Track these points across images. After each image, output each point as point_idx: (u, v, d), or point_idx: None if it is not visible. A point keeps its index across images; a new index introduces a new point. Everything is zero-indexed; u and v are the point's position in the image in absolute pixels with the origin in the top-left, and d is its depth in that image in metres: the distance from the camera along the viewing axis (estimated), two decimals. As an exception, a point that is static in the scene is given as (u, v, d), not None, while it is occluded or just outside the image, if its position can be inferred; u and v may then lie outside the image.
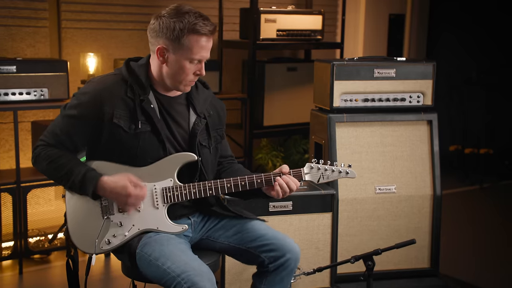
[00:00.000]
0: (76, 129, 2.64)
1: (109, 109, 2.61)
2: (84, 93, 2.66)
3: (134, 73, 2.68)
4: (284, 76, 5.46)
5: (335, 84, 3.78)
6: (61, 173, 2.63)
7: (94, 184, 2.59)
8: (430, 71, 3.88)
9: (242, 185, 2.71)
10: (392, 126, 3.88)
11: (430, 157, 3.91)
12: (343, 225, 3.80)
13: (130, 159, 2.66)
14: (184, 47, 2.58)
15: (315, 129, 3.96)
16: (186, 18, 2.56)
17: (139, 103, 2.65)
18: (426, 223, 3.91)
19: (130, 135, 2.63)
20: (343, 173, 2.80)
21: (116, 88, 2.66)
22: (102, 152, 2.68)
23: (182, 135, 2.76)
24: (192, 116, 2.79)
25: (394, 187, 3.86)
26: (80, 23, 5.00)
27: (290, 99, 5.49)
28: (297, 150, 5.65)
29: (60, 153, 2.65)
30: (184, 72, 2.63)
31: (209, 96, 2.89)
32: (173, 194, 2.67)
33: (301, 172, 2.77)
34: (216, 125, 2.88)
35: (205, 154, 2.81)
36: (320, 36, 5.49)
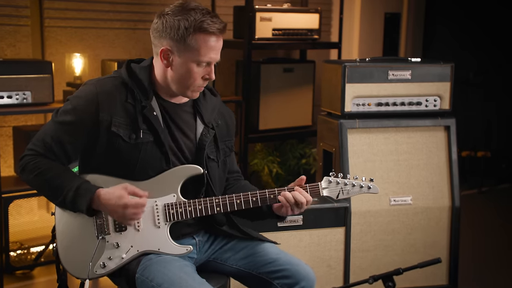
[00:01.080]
0: (69, 137, 2.32)
1: (106, 116, 2.30)
2: (79, 97, 2.34)
3: (135, 76, 2.37)
4: (280, 77, 5.08)
5: (347, 87, 3.40)
6: (51, 186, 2.30)
7: (89, 198, 2.26)
8: (448, 73, 3.53)
9: (253, 201, 2.39)
10: (407, 132, 3.52)
11: (447, 165, 3.55)
12: (355, 240, 3.43)
13: (129, 172, 2.35)
14: (190, 48, 2.27)
15: (324, 135, 3.58)
16: (192, 16, 2.25)
17: (140, 110, 2.34)
18: (444, 237, 3.56)
19: (130, 146, 2.32)
20: (365, 188, 2.46)
21: (115, 92, 2.34)
22: (97, 164, 2.37)
23: (189, 146, 2.44)
24: (199, 126, 2.47)
25: (410, 199, 3.50)
26: (65, 22, 4.64)
27: (286, 102, 5.11)
28: (293, 155, 5.28)
29: (50, 164, 2.32)
30: (191, 76, 2.32)
31: (217, 103, 2.57)
32: (176, 211, 2.35)
33: (318, 187, 2.44)
34: (224, 136, 2.56)
35: (213, 168, 2.49)
36: (317, 35, 5.13)
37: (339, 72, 3.40)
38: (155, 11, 4.92)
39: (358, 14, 5.87)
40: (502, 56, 6.28)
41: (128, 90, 2.36)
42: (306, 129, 5.23)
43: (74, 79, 4.36)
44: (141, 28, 4.95)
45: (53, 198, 2.33)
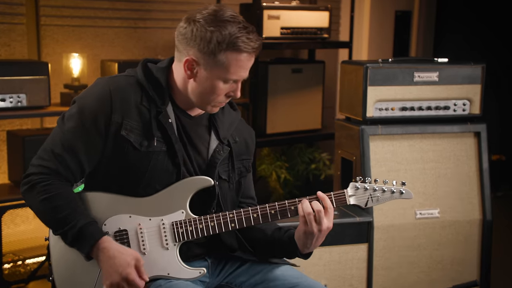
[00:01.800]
0: (83, 145, 2.04)
1: (118, 117, 2.03)
2: (89, 96, 2.07)
3: (152, 77, 2.10)
4: (289, 78, 4.74)
5: (369, 90, 3.07)
6: (56, 216, 2.01)
7: (91, 244, 1.99)
8: (478, 74, 3.19)
9: (272, 214, 2.10)
10: (434, 139, 3.19)
11: (478, 175, 3.22)
12: (378, 257, 3.10)
13: (133, 185, 2.07)
14: (219, 64, 2.01)
15: (342, 142, 3.25)
16: (228, 29, 1.98)
17: (155, 115, 2.07)
18: (474, 254, 3.22)
19: (140, 154, 2.05)
20: (397, 194, 2.15)
21: (130, 92, 2.07)
22: (101, 177, 2.11)
23: (199, 163, 2.17)
24: (213, 142, 2.19)
25: (437, 211, 3.17)
26: (61, 20, 4.36)
27: (294, 104, 4.78)
28: (302, 159, 4.95)
29: (61, 188, 2.03)
30: (215, 92, 2.07)
31: (236, 119, 2.28)
32: (186, 230, 2.08)
33: (344, 195, 2.14)
34: (242, 155, 2.27)
35: (224, 189, 2.21)
36: (326, 34, 4.81)
37: (360, 73, 3.06)
38: (156, 8, 4.70)
39: (367, 12, 5.55)
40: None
41: (143, 92, 2.08)
42: (315, 133, 4.90)
43: (72, 80, 4.08)
44: (142, 26, 4.67)
45: (51, 227, 2.06)
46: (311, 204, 2.07)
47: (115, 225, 2.06)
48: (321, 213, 2.06)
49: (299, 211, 2.08)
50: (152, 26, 4.68)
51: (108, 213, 2.06)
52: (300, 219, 2.09)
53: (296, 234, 2.13)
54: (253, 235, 2.24)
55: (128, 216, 2.07)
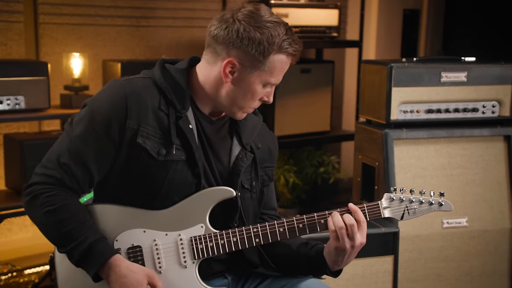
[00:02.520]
0: (93, 153, 1.85)
1: (133, 123, 1.85)
2: (102, 100, 1.89)
3: (172, 78, 1.93)
4: (297, 78, 4.52)
5: (393, 92, 2.84)
6: (61, 231, 1.82)
7: (101, 263, 1.80)
8: (509, 74, 2.97)
9: (299, 229, 1.92)
10: (462, 143, 2.97)
11: (508, 181, 3.00)
12: (403, 269, 2.88)
13: (149, 198, 1.88)
14: (265, 67, 1.86)
15: (363, 147, 3.02)
16: (276, 30, 1.84)
17: (174, 121, 1.89)
18: (505, 265, 2.99)
19: (157, 164, 1.86)
20: (435, 206, 1.97)
21: (147, 96, 1.88)
22: (112, 188, 1.92)
23: (220, 171, 1.99)
24: (236, 148, 2.01)
25: (465, 220, 2.94)
26: (61, 18, 4.17)
27: (304, 105, 4.55)
28: (311, 163, 4.72)
29: (66, 200, 1.84)
30: (252, 97, 1.92)
31: (259, 124, 2.10)
32: (206, 246, 1.89)
33: (379, 207, 1.95)
34: (265, 162, 2.09)
35: (246, 200, 2.02)
36: (336, 33, 4.60)
37: (384, 74, 2.84)
38: (159, 6, 4.48)
39: (375, 11, 5.34)
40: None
41: (161, 95, 1.90)
42: (324, 135, 4.68)
43: (73, 81, 3.86)
44: (145, 25, 4.47)
45: (55, 244, 1.87)
46: (343, 217, 1.87)
47: (128, 241, 1.87)
48: (354, 227, 1.86)
49: (330, 226, 1.88)
50: (155, 25, 4.48)
51: (120, 227, 1.87)
52: (330, 234, 1.89)
53: (326, 250, 1.94)
54: (277, 250, 2.04)
55: (142, 231, 1.88)
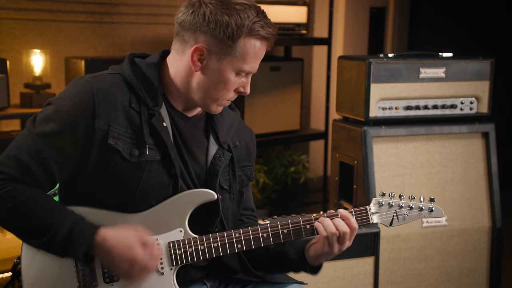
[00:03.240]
0: (55, 154, 1.71)
1: (103, 124, 1.72)
2: (67, 98, 1.75)
3: (142, 74, 1.79)
4: (267, 76, 4.40)
5: (372, 88, 2.75)
6: (33, 224, 1.69)
7: (88, 242, 1.68)
8: (487, 70, 2.91)
9: (284, 234, 1.82)
10: (441, 141, 2.90)
11: (486, 179, 2.94)
12: (383, 270, 2.80)
13: (124, 201, 1.76)
14: (236, 52, 1.74)
15: (341, 145, 2.93)
16: (246, 13, 1.73)
17: (147, 119, 1.76)
18: (484, 263, 2.94)
19: (130, 165, 1.74)
20: (425, 212, 1.90)
21: (116, 93, 1.76)
22: (81, 191, 1.77)
23: (197, 171, 1.86)
24: (212, 147, 1.90)
25: (444, 219, 2.88)
26: (20, 13, 3.96)
27: (273, 104, 4.44)
28: (281, 162, 4.61)
29: (30, 191, 1.70)
30: (225, 86, 1.78)
31: (236, 120, 1.99)
32: (184, 251, 1.78)
33: (367, 212, 1.86)
34: (243, 161, 1.98)
35: (225, 201, 1.91)
36: (304, 30, 4.51)
37: (363, 70, 2.74)
38: (122, 2, 4.31)
39: (343, 8, 5.28)
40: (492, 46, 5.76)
41: (132, 92, 1.77)
42: (294, 134, 4.58)
43: (34, 79, 3.70)
44: (108, 21, 4.30)
45: (34, 239, 1.71)
46: (335, 223, 1.79)
47: None
48: (347, 234, 1.79)
49: (321, 231, 1.79)
50: (119, 21, 4.31)
51: None
52: (320, 239, 1.81)
53: (311, 251, 1.86)
54: (255, 252, 1.91)
55: None
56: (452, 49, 3.02)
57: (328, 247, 1.79)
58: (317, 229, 1.80)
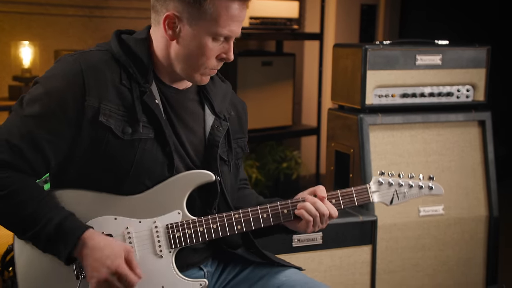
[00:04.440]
0: (47, 134, 1.65)
1: (94, 101, 1.66)
2: (55, 76, 1.68)
3: (130, 50, 1.74)
4: (258, 71, 4.37)
5: (368, 75, 2.72)
6: (21, 215, 1.63)
7: (73, 243, 1.62)
8: (483, 57, 2.90)
9: (284, 214, 1.80)
10: (437, 129, 2.88)
11: (483, 167, 2.92)
12: (380, 259, 2.76)
13: (118, 182, 1.70)
14: (207, 15, 1.67)
15: (337, 134, 2.90)
16: None
17: (138, 96, 1.71)
18: (480, 253, 2.91)
19: (123, 143, 1.69)
20: (425, 190, 1.91)
21: (106, 70, 1.70)
22: (74, 172, 1.71)
23: (195, 145, 1.81)
24: (209, 118, 1.84)
25: (441, 208, 2.85)
26: (8, 6, 3.92)
27: (265, 99, 4.41)
28: (273, 158, 4.57)
29: (20, 181, 1.65)
30: (203, 54, 1.71)
31: (229, 91, 1.94)
32: (183, 234, 1.73)
33: (367, 191, 1.86)
34: (237, 133, 1.93)
35: (225, 174, 1.85)
36: (296, 25, 4.50)
37: (359, 57, 2.72)
38: (113, -5, 4.30)
39: (334, 4, 5.25)
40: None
41: (121, 69, 1.72)
42: (286, 130, 4.55)
43: (22, 72, 3.69)
44: (98, 15, 4.24)
45: (19, 231, 1.67)
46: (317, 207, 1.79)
47: (97, 229, 1.68)
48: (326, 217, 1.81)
49: (305, 215, 1.78)
50: (108, 16, 4.27)
51: (88, 215, 1.68)
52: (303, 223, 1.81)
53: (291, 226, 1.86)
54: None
55: (113, 218, 1.70)
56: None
57: (306, 226, 1.80)
58: (300, 214, 1.78)
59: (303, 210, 1.78)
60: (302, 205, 1.78)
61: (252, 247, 1.91)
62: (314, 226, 1.80)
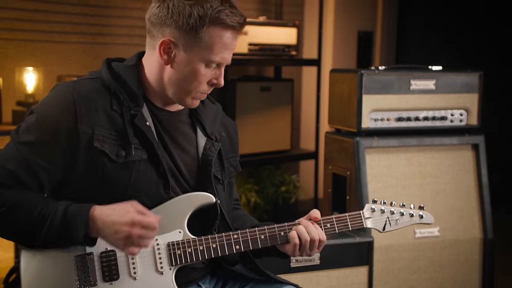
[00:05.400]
0: (41, 161, 1.72)
1: (86, 128, 1.73)
2: (48, 105, 1.77)
3: (120, 77, 1.81)
4: (257, 96, 4.44)
5: (364, 99, 2.79)
6: (28, 220, 1.69)
7: (85, 220, 1.68)
8: (475, 82, 2.97)
9: (281, 236, 1.86)
10: (432, 152, 2.94)
11: (477, 190, 2.97)
12: (376, 280, 2.80)
13: (115, 202, 1.74)
14: (202, 42, 1.75)
15: (334, 157, 2.95)
16: (209, 2, 1.74)
17: (129, 120, 1.78)
18: (476, 275, 2.95)
19: (118, 166, 1.75)
20: (416, 218, 1.96)
21: (97, 97, 1.78)
22: (71, 195, 1.75)
23: (188, 165, 1.88)
24: (201, 139, 1.92)
25: (437, 230, 2.89)
26: (13, 33, 3.97)
27: (263, 123, 4.47)
28: (272, 182, 4.61)
29: (18, 194, 1.71)
30: (196, 79, 1.79)
31: (219, 112, 2.02)
32: (184, 252, 1.79)
33: (361, 217, 1.93)
34: (228, 152, 2.00)
35: (220, 193, 1.92)
36: (294, 51, 4.57)
37: (355, 81, 2.79)
38: (114, 23, 4.34)
39: (331, 31, 5.34)
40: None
41: (112, 95, 1.80)
42: (284, 154, 4.60)
43: (26, 97, 3.71)
44: (100, 42, 4.31)
45: (32, 236, 1.70)
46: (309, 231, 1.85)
47: (101, 244, 1.74)
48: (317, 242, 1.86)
49: (294, 238, 1.84)
50: (111, 42, 4.34)
51: None
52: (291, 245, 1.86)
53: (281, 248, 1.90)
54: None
55: None
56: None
57: (293, 250, 1.84)
58: (291, 237, 1.83)
59: (294, 232, 1.83)
60: (295, 228, 1.84)
61: (250, 263, 1.96)
62: (300, 250, 1.85)
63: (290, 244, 1.83)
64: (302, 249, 1.84)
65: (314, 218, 1.87)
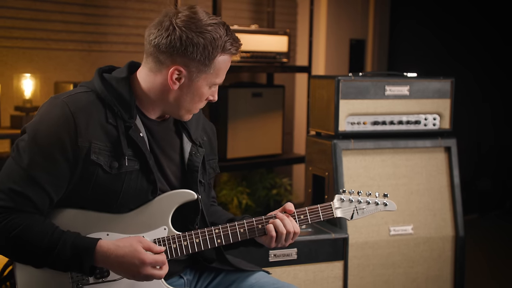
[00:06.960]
0: (49, 176, 1.83)
1: (85, 141, 1.85)
2: (47, 120, 1.85)
3: (113, 89, 1.93)
4: (249, 102, 4.67)
5: (341, 104, 3.02)
6: (36, 247, 1.80)
7: (91, 253, 1.81)
8: (448, 88, 3.20)
9: (258, 229, 2.03)
10: (406, 154, 3.16)
11: (449, 190, 3.19)
12: (352, 276, 3.01)
13: (107, 207, 1.92)
14: (211, 69, 1.91)
15: (314, 159, 3.18)
16: (218, 33, 1.88)
17: (124, 131, 1.90)
18: (448, 270, 3.17)
19: (111, 177, 1.88)
20: (381, 206, 2.16)
21: (93, 110, 1.89)
22: (66, 198, 1.90)
23: (174, 172, 2.04)
24: (187, 145, 2.07)
25: (411, 228, 3.12)
26: (11, 41, 4.14)
27: (255, 128, 4.70)
28: (263, 185, 4.84)
29: (27, 219, 1.82)
30: (200, 99, 1.97)
31: (200, 116, 2.18)
32: (169, 247, 1.94)
33: (331, 207, 2.10)
34: (209, 155, 2.17)
35: (202, 194, 2.09)
36: (285, 59, 4.79)
37: (332, 87, 3.02)
38: (110, 31, 4.55)
39: (323, 39, 5.56)
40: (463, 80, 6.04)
41: (106, 107, 1.91)
42: (276, 158, 4.83)
43: (24, 102, 3.88)
44: (97, 50, 4.51)
45: (40, 260, 1.83)
46: (285, 224, 2.02)
47: None
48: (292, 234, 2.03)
49: (271, 231, 2.01)
50: (107, 50, 4.54)
51: (83, 231, 1.88)
52: (268, 237, 2.03)
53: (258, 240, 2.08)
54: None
55: (106, 234, 1.91)
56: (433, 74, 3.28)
57: (270, 241, 2.01)
58: (268, 230, 2.01)
59: (271, 225, 2.00)
60: (272, 221, 2.01)
61: (224, 262, 2.15)
62: (277, 242, 2.02)
63: (267, 236, 2.01)
64: (278, 240, 2.01)
65: (289, 210, 2.05)
